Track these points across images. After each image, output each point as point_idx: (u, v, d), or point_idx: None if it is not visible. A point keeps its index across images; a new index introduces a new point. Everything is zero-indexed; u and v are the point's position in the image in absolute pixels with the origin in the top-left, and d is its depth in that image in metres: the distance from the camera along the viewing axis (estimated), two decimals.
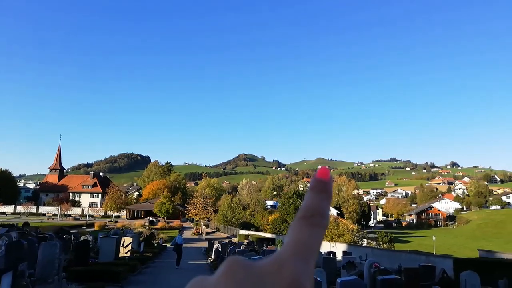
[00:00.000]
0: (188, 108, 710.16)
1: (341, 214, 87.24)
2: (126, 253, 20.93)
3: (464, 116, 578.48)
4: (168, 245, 36.76)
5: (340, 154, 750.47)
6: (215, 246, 27.74)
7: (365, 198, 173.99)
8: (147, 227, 54.57)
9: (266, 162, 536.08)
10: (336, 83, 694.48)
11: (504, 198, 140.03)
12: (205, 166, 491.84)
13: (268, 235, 47.25)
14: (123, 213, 79.72)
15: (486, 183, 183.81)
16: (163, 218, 69.04)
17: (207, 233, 55.74)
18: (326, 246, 32.95)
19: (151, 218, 67.79)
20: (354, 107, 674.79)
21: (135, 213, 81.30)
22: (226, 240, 41.67)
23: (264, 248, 28.84)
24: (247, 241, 36.38)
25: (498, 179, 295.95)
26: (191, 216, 70.23)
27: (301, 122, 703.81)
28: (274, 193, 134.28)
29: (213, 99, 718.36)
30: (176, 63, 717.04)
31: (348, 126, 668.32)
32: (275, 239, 39.63)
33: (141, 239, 30.83)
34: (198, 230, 57.21)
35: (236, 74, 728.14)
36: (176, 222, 67.95)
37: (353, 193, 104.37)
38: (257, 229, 59.77)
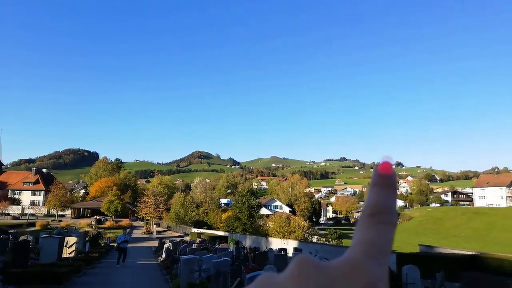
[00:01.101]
0: (140, 103, 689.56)
1: (293, 212, 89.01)
2: (70, 253, 19.94)
3: (408, 118, 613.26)
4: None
5: (293, 153, 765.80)
6: (166, 245, 27.12)
7: (316, 196, 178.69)
8: (93, 227, 52.35)
9: (221, 160, 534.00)
10: (291, 84, 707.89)
11: (443, 196, 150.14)
12: (158, 163, 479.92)
13: (221, 233, 47.04)
14: (68, 212, 75.62)
15: (427, 182, 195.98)
16: (111, 217, 66.45)
17: (158, 232, 54.44)
18: (277, 243, 33.42)
19: (98, 217, 65.00)
20: (307, 108, 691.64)
21: (81, 212, 77.58)
22: (178, 239, 40.96)
23: (217, 246, 28.65)
24: (200, 240, 35.97)
25: (438, 178, 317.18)
26: (141, 215, 68.21)
27: (256, 121, 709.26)
28: (228, 191, 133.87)
29: (166, 94, 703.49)
30: (127, 53, 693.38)
31: (302, 126, 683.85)
32: (228, 237, 39.55)
33: (87, 239, 29.53)
34: (148, 229, 55.71)
35: (191, 71, 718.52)
36: (125, 221, 65.66)
37: (305, 191, 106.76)
38: (210, 228, 59.31)
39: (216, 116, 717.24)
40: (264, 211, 76.45)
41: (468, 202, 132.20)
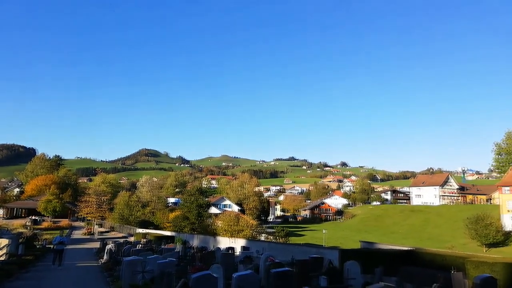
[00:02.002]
0: (83, 96, 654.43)
1: (242, 210, 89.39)
2: (0, 256, 18.44)
3: (353, 120, 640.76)
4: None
5: (244, 152, 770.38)
6: (108, 247, 25.95)
7: (266, 195, 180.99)
8: (29, 228, 49.11)
9: (170, 158, 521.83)
10: (243, 83, 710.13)
11: (383, 195, 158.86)
12: (101, 161, 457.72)
13: (168, 233, 45.94)
14: (0, 212, 70.13)
15: (369, 181, 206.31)
16: (49, 217, 62.40)
17: (100, 232, 52.00)
18: (226, 242, 33.29)
19: (34, 218, 60.76)
20: (259, 108, 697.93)
21: (15, 212, 72.15)
22: (122, 240, 39.52)
23: (163, 246, 27.91)
24: (145, 240, 34.81)
25: (379, 178, 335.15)
26: (82, 215, 64.77)
27: (207, 119, 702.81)
28: (177, 190, 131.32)
29: (110, 88, 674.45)
30: (66, 46, 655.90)
31: (253, 126, 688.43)
32: (175, 237, 38.72)
33: (21, 240, 27.45)
34: (89, 230, 53.03)
35: (142, 67, 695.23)
36: (64, 222, 62.05)
37: (255, 190, 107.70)
38: (157, 228, 57.80)
39: (165, 113, 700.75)
40: (213, 210, 75.96)
41: (406, 201, 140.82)
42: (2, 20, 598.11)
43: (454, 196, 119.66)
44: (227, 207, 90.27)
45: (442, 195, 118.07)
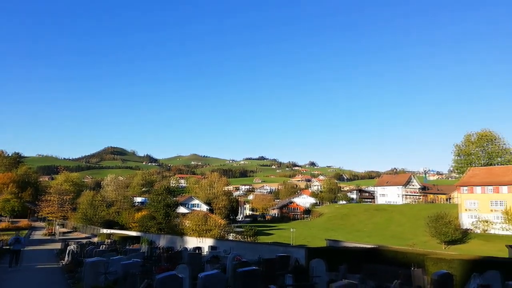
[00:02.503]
0: (44, 91, 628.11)
1: (211, 210, 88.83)
2: None
3: (321, 121, 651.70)
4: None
5: (214, 151, 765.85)
6: (70, 247, 25.02)
7: (235, 194, 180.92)
8: None
9: (137, 156, 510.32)
10: (209, 82, 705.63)
11: (349, 194, 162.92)
12: (64, 158, 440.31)
13: (134, 233, 44.94)
14: None
15: (337, 181, 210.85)
16: (7, 217, 59.46)
17: (62, 233, 50.17)
18: (193, 242, 32.97)
19: None
20: (229, 107, 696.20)
21: None
22: (85, 241, 38.33)
23: (128, 247, 27.25)
24: (109, 241, 33.88)
25: (346, 177, 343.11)
26: (43, 215, 62.15)
27: (176, 117, 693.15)
28: (144, 189, 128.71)
29: (75, 83, 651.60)
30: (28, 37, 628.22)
31: (223, 125, 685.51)
32: (141, 237, 37.92)
33: None
34: (51, 230, 50.97)
35: (107, 60, 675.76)
36: (24, 222, 59.40)
37: (224, 189, 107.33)
38: (122, 228, 56.43)
39: (132, 110, 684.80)
40: (181, 209, 75.05)
41: (371, 200, 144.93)
42: None
43: (416, 195, 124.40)
44: (195, 206, 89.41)
45: (405, 195, 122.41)
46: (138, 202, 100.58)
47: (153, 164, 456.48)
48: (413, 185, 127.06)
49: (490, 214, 67.72)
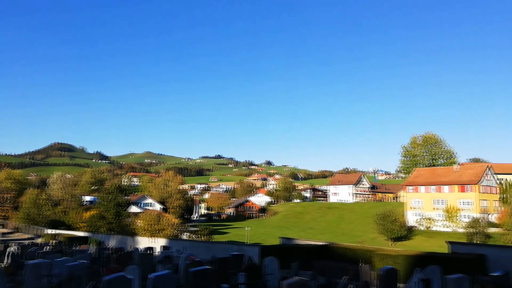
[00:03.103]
0: None
1: (165, 209, 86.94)
2: None
3: (278, 121, 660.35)
4: None
5: (169, 149, 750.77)
6: (10, 249, 23.36)
7: (191, 193, 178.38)
8: None
9: (87, 153, 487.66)
10: (166, 78, 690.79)
11: (304, 193, 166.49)
12: (6, 154, 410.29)
13: (82, 233, 42.95)
14: None
15: (292, 180, 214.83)
16: None
17: (2, 234, 46.81)
18: (145, 242, 32.11)
19: None
20: (185, 103, 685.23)
21: None
22: (27, 242, 35.98)
23: (74, 248, 25.97)
24: (55, 242, 32.10)
25: (301, 176, 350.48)
26: None
27: (129, 113, 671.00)
28: (94, 187, 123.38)
29: (22, 77, 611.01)
30: None
31: (179, 123, 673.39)
32: (89, 237, 36.30)
33: None
34: None
35: (51, 55, 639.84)
36: None
37: (179, 188, 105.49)
38: (70, 228, 53.75)
39: (82, 105, 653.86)
40: (133, 209, 72.86)
41: (324, 198, 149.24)
42: None
43: (366, 194, 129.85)
44: (149, 205, 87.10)
45: (356, 193, 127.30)
46: (87, 201, 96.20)
47: (104, 161, 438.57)
48: (363, 185, 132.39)
49: (433, 212, 72.21)
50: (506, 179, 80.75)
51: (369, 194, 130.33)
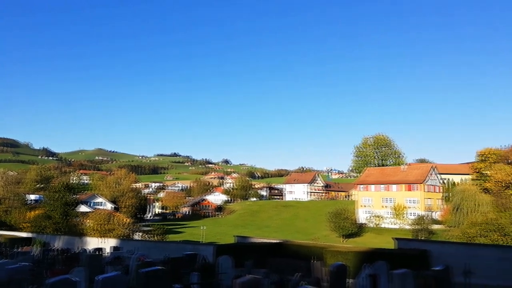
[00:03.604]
0: None
1: (117, 208, 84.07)
2: None
3: (235, 119, 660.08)
4: None
5: (122, 146, 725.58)
6: None
7: (145, 192, 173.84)
8: None
9: (32, 149, 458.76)
10: (119, 72, 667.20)
11: (260, 191, 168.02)
12: None
13: (25, 234, 40.41)
14: None
15: (249, 178, 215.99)
16: None
17: None
18: (95, 243, 30.82)
19: None
20: (140, 100, 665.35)
21: None
22: None
23: (16, 250, 24.37)
24: None
25: (258, 175, 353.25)
26: None
27: (80, 107, 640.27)
28: (39, 185, 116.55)
29: None
30: None
31: (133, 118, 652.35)
32: (33, 238, 34.24)
33: None
34: None
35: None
36: None
37: (132, 187, 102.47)
38: (12, 228, 50.42)
39: (27, 97, 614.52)
40: (83, 208, 69.82)
41: (280, 197, 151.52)
42: None
43: (320, 192, 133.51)
44: (99, 205, 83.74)
45: (311, 192, 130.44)
46: (31, 200, 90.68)
47: (51, 158, 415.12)
48: (317, 183, 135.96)
49: (382, 210, 75.72)
50: (448, 179, 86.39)
51: (323, 193, 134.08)
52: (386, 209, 75.27)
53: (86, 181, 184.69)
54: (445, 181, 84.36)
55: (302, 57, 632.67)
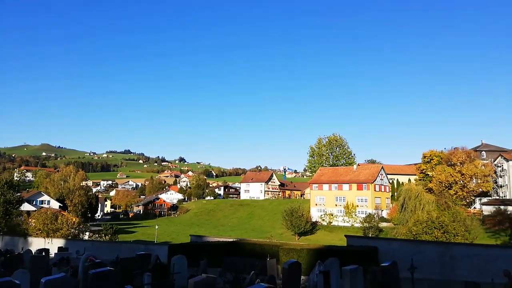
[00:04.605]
0: None
1: (64, 207, 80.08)
2: None
3: (192, 117, 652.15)
4: None
5: (70, 142, 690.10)
6: None
7: (95, 190, 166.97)
8: None
9: None
10: (67, 63, 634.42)
11: (217, 190, 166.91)
12: None
13: None
14: None
15: (205, 177, 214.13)
16: None
17: None
18: (40, 243, 29.14)
19: None
20: (88, 94, 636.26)
21: None
22: None
23: None
24: None
25: (214, 174, 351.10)
26: None
27: (24, 99, 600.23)
28: None
29: None
30: None
31: (82, 113, 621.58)
32: None
33: None
34: None
35: None
36: None
37: (81, 184, 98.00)
38: None
39: None
40: (27, 207, 65.65)
41: (236, 195, 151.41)
42: None
43: (276, 191, 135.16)
44: (45, 203, 79.19)
45: (266, 191, 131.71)
46: None
47: None
48: (273, 182, 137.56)
49: (335, 208, 78.21)
50: (396, 179, 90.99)
51: (278, 192, 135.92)
52: (338, 207, 77.85)
53: (30, 178, 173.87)
54: (392, 181, 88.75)
55: (262, 56, 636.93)
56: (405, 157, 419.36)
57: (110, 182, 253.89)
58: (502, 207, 62.89)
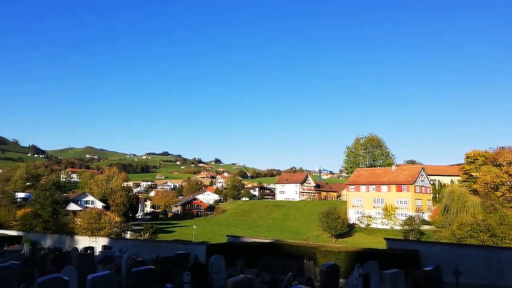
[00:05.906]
0: None
1: (107, 207, 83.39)
2: None
3: (227, 120, 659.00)
4: None
5: (112, 144, 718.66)
6: None
7: (135, 190, 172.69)
8: None
9: (20, 147, 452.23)
10: (109, 71, 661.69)
11: (252, 191, 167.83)
12: None
13: (14, 232, 39.94)
14: None
15: (240, 178, 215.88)
16: None
17: None
18: (85, 242, 30.55)
19: None
20: (129, 98, 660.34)
21: None
22: None
23: (5, 248, 24.08)
24: None
25: (249, 175, 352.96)
26: None
27: (70, 105, 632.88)
28: (28, 183, 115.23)
29: None
30: None
31: (123, 117, 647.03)
32: (22, 237, 33.82)
33: None
34: None
35: None
36: None
37: (123, 185, 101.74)
38: (1, 227, 49.75)
39: (16, 94, 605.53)
40: (73, 206, 69.19)
41: (271, 196, 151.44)
42: None
43: (311, 192, 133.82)
44: (89, 203, 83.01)
45: (302, 192, 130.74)
46: (20, 198, 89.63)
47: (40, 156, 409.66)
48: (308, 183, 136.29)
49: (373, 210, 76.24)
50: (438, 180, 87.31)
51: (314, 193, 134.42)
52: (377, 209, 75.81)
53: (75, 180, 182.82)
54: (434, 182, 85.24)
55: (296, 58, 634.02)
56: (446, 157, 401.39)
57: (149, 183, 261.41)
58: None
